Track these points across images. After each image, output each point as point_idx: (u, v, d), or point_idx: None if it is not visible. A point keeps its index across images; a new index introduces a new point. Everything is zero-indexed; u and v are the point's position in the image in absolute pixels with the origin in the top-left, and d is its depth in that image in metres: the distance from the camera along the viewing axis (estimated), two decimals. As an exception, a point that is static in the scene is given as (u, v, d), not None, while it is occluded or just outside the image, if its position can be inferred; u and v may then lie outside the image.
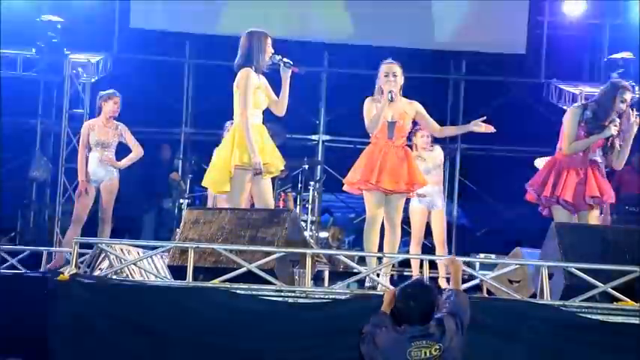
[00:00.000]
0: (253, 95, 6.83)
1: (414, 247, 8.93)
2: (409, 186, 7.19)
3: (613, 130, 6.91)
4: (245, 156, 6.78)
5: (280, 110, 7.04)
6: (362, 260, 9.67)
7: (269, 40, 6.94)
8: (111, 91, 9.01)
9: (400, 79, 7.20)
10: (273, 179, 7.39)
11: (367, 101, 7.25)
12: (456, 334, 4.71)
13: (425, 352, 4.64)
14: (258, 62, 6.88)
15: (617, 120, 6.96)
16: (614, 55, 11.61)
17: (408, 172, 7.15)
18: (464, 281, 5.12)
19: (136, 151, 9.00)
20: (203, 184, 7.27)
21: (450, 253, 9.87)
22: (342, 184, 7.38)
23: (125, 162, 8.98)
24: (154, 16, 12.36)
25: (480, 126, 7.07)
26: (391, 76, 7.17)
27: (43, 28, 11.38)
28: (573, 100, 11.87)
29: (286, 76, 6.94)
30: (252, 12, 12.04)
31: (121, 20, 12.24)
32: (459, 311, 4.81)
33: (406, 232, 9.03)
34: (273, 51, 6.94)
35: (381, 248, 7.10)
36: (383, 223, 7.10)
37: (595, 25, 12.44)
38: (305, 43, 11.87)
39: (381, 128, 7.12)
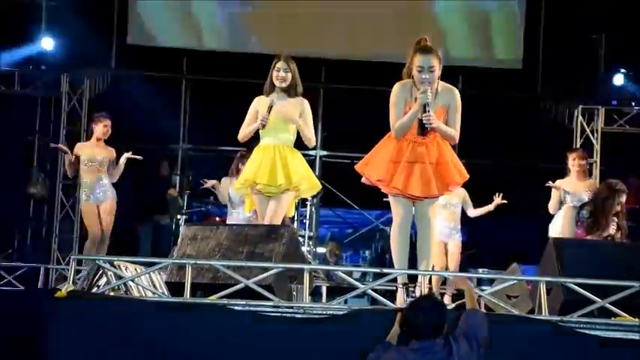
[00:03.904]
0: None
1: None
2: (444, 188, 6.21)
3: (611, 229, 7.07)
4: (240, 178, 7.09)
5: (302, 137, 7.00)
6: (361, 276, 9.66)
7: (277, 65, 6.97)
8: (102, 113, 9.05)
9: (438, 72, 5.91)
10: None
11: (396, 89, 6.01)
12: (469, 356, 4.60)
13: None
14: (266, 87, 7.03)
15: (616, 219, 7.15)
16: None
17: (442, 171, 6.12)
18: (462, 296, 5.09)
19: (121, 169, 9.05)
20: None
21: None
22: (355, 169, 6.28)
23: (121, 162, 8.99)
24: (151, 33, 12.38)
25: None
26: (427, 71, 5.87)
27: (40, 44, 11.38)
28: (569, 114, 11.88)
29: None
30: (248, 29, 12.07)
31: (118, 36, 12.25)
32: (475, 331, 4.69)
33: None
34: (279, 75, 6.94)
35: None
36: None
37: (592, 38, 12.45)
38: (302, 59, 11.87)
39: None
